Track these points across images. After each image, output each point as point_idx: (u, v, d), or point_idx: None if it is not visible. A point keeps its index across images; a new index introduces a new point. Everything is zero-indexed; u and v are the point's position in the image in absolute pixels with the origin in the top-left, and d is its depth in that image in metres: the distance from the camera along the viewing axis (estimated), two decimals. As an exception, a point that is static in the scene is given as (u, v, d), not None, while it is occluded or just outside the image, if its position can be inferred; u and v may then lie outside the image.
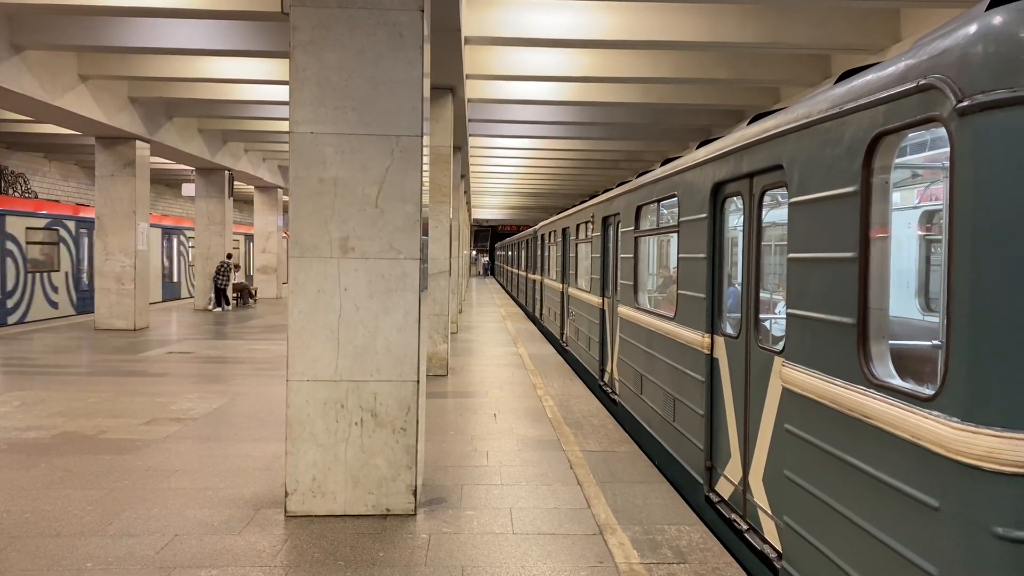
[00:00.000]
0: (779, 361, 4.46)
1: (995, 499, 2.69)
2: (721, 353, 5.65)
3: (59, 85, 14.17)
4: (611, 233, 10.39)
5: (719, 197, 5.81)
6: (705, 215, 5.94)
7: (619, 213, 9.56)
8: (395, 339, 5.41)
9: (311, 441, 5.38)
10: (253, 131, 21.53)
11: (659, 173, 7.64)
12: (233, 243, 25.95)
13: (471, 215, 46.41)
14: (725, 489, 5.50)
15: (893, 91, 3.27)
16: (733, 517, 5.25)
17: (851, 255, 3.62)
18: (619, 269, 9.55)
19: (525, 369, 12.31)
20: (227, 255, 24.17)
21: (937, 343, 4.03)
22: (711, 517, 5.66)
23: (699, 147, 6.55)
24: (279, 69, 14.05)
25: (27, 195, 25.47)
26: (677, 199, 6.85)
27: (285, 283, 29.40)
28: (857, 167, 3.56)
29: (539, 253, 21.50)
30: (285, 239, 30.70)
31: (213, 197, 24.33)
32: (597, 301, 11.20)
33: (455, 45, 9.57)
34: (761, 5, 10.84)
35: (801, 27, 11.06)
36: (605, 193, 11.12)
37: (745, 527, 5.03)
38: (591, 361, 11.70)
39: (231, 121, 20.80)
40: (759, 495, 4.82)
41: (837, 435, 3.71)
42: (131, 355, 13.61)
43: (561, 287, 15.87)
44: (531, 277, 24.74)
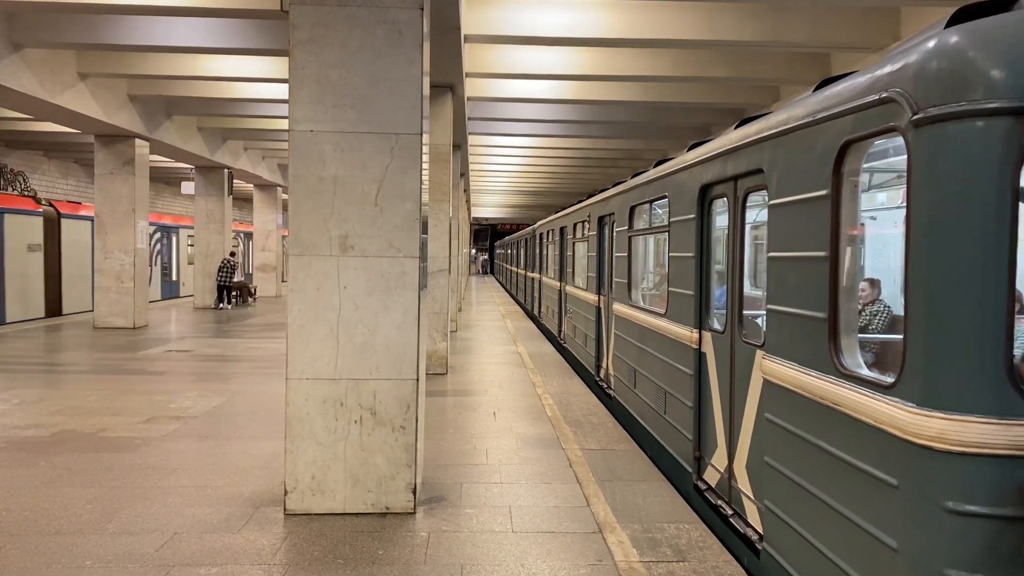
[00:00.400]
0: (760, 354, 4.68)
1: (945, 476, 2.93)
2: (708, 348, 5.89)
3: (58, 83, 14.16)
4: (606, 232, 10.61)
5: (706, 199, 6.05)
6: (693, 216, 6.18)
7: (614, 213, 9.79)
8: (394, 337, 5.41)
9: (310, 439, 5.38)
10: (252, 129, 21.51)
11: (651, 175, 7.89)
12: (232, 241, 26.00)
13: (470, 214, 46.39)
14: (712, 477, 5.74)
15: (859, 102, 3.51)
16: (719, 503, 5.50)
17: (823, 254, 3.85)
18: (614, 267, 9.77)
19: (524, 367, 12.31)
20: (230, 252, 24.16)
21: None
22: (699, 504, 5.87)
23: (689, 150, 6.76)
24: (278, 67, 14.04)
25: (26, 193, 25.46)
26: (668, 200, 7.08)
27: (285, 281, 29.38)
28: (828, 172, 3.79)
29: (537, 252, 21.87)
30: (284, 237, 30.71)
31: (212, 195, 24.31)
32: (593, 299, 11.43)
33: (455, 43, 9.57)
34: (760, 3, 10.83)
35: (800, 25, 11.05)
36: (601, 193, 11.31)
37: (730, 512, 5.27)
38: (587, 357, 11.90)
39: (230, 119, 20.78)
40: (743, 481, 5.06)
41: (811, 422, 3.94)
42: (130, 353, 13.61)
43: (559, 285, 16.15)
44: (530, 275, 25.15)
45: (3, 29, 12.26)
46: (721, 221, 5.91)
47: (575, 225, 13.79)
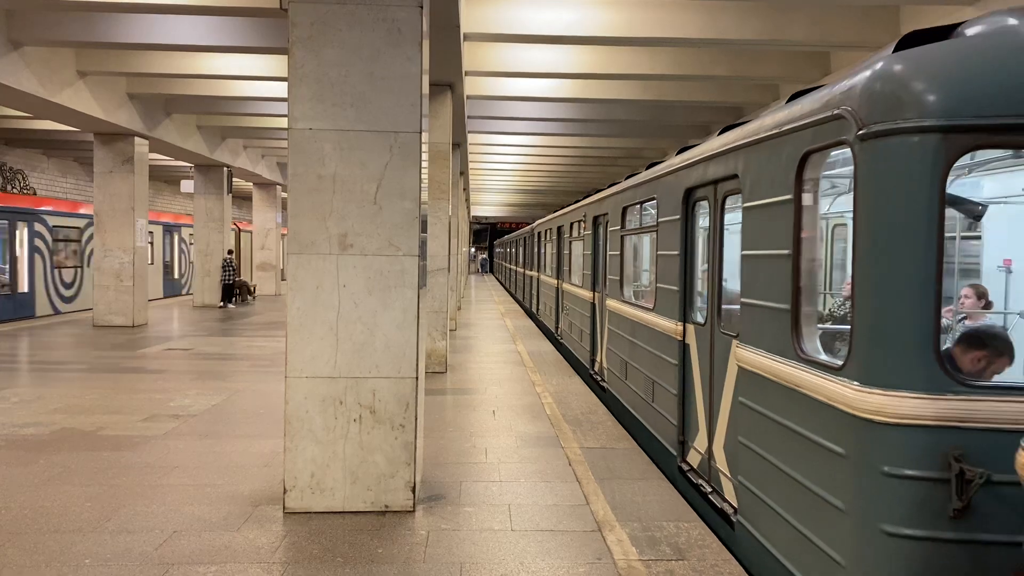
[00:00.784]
0: (735, 343, 5.08)
1: (883, 444, 3.37)
2: (692, 339, 6.30)
3: (57, 81, 14.15)
4: (601, 232, 10.98)
5: (690, 201, 6.47)
6: (678, 216, 6.60)
7: (607, 213, 10.22)
8: (394, 336, 5.41)
9: (310, 438, 5.38)
10: (252, 127, 21.50)
11: (641, 178, 8.36)
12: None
13: (470, 212, 46.38)
14: (694, 459, 6.16)
15: (817, 117, 3.93)
16: (700, 482, 5.92)
17: (787, 252, 4.26)
18: (607, 265, 10.18)
19: (524, 366, 12.31)
20: (228, 251, 24.16)
21: None
22: (683, 485, 6.28)
23: (677, 154, 7.14)
24: (278, 65, 14.02)
25: (25, 191, 25.45)
26: (656, 201, 7.53)
27: (284, 280, 29.37)
28: (792, 178, 4.21)
29: (535, 250, 22.37)
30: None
31: (212, 194, 24.29)
32: (588, 295, 11.83)
33: (454, 41, 9.56)
34: (760, 2, 10.82)
35: (800, 24, 11.05)
36: (597, 193, 11.67)
37: (710, 490, 5.69)
38: (583, 352, 12.31)
39: (230, 117, 20.76)
40: (721, 461, 5.47)
41: (776, 403, 4.37)
42: (130, 351, 13.61)
43: (556, 282, 16.59)
44: (528, 273, 25.65)
45: (2, 27, 12.25)
46: (704, 222, 6.27)
47: (572, 224, 14.19)
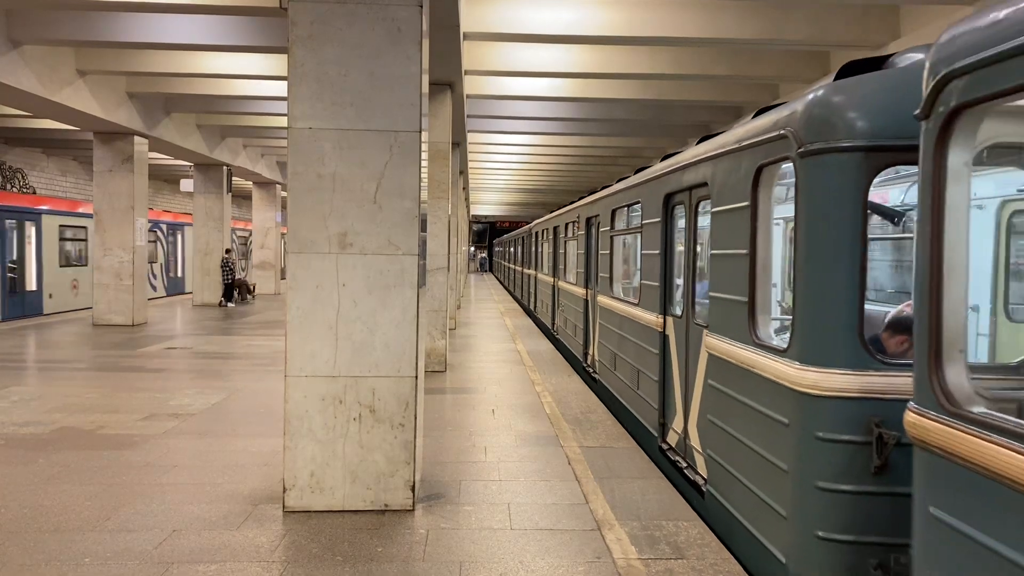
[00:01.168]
0: (706, 333, 5.66)
1: (817, 414, 3.98)
2: (671, 330, 6.90)
3: (57, 80, 14.14)
4: (593, 232, 11.66)
5: (669, 205, 7.08)
6: (659, 219, 7.24)
7: (599, 214, 10.89)
8: (393, 335, 5.42)
9: (309, 437, 5.39)
10: (251, 127, 21.49)
11: (628, 183, 9.04)
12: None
13: (469, 211, 46.36)
14: (672, 438, 6.75)
15: (768, 136, 4.55)
16: (677, 459, 6.51)
17: (744, 251, 4.87)
18: (599, 263, 10.84)
19: (523, 365, 12.32)
20: (226, 250, 24.16)
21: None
22: (664, 463, 6.85)
23: (660, 161, 7.79)
24: (277, 64, 14.02)
25: (25, 190, 25.45)
26: (640, 205, 8.17)
27: (284, 279, 29.37)
28: (749, 187, 4.83)
29: (533, 249, 23.14)
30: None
31: (212, 193, 24.28)
32: (581, 292, 12.50)
33: (454, 41, 9.56)
34: (760, 1, 10.82)
35: (800, 23, 11.05)
36: (590, 196, 12.29)
37: (685, 465, 6.28)
38: (576, 346, 13.02)
39: (229, 117, 20.76)
40: (694, 438, 6.04)
41: (736, 383, 4.99)
42: (129, 350, 13.61)
43: (552, 280, 17.31)
44: (526, 272, 26.49)
45: (2, 26, 12.24)
46: (681, 224, 6.84)
47: (567, 225, 14.90)
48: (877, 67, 4.23)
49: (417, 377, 5.48)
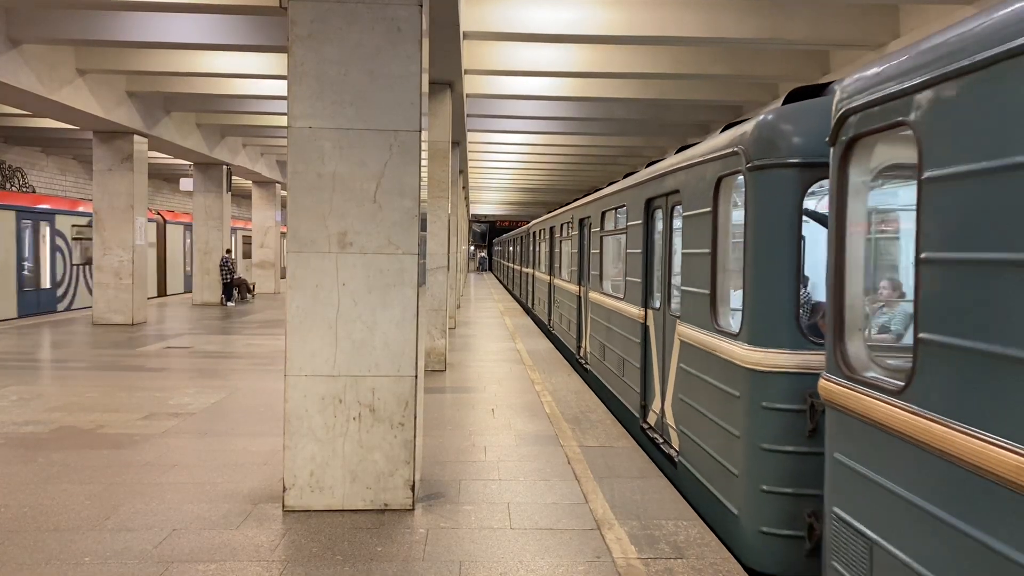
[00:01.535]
0: (678, 322, 6.42)
1: (762, 387, 4.75)
2: (651, 321, 7.68)
3: (57, 79, 14.13)
4: (585, 232, 12.44)
5: (650, 209, 7.84)
6: (641, 222, 8.01)
7: (590, 216, 11.69)
8: (393, 334, 5.41)
9: (309, 436, 5.38)
10: (251, 126, 21.48)
11: (616, 187, 9.87)
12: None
13: (469, 211, 46.35)
14: (652, 418, 7.50)
15: (725, 151, 5.34)
16: (654, 436, 7.23)
17: (707, 251, 5.64)
18: (590, 261, 11.69)
19: (523, 364, 12.32)
20: (227, 250, 24.15)
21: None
22: (644, 440, 7.60)
23: (645, 167, 8.46)
24: (277, 63, 14.01)
25: (24, 189, 25.45)
26: (626, 208, 8.92)
27: (283, 278, 29.38)
28: (711, 195, 5.61)
29: (531, 249, 24.13)
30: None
31: (211, 192, 24.27)
32: (575, 289, 13.35)
33: (454, 40, 9.55)
34: (760, 1, 10.82)
35: (800, 23, 11.04)
36: (584, 198, 13.01)
37: (661, 441, 7.01)
38: (570, 340, 13.94)
39: (229, 116, 20.74)
40: (669, 416, 6.80)
41: (700, 364, 5.80)
42: (129, 350, 13.61)
43: (548, 278, 18.22)
44: (524, 270, 27.53)
45: (2, 25, 12.23)
46: (660, 226, 7.54)
47: (562, 225, 15.73)
48: (819, 94, 4.88)
49: (417, 376, 5.48)
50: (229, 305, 23.60)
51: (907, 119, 2.95)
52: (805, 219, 4.80)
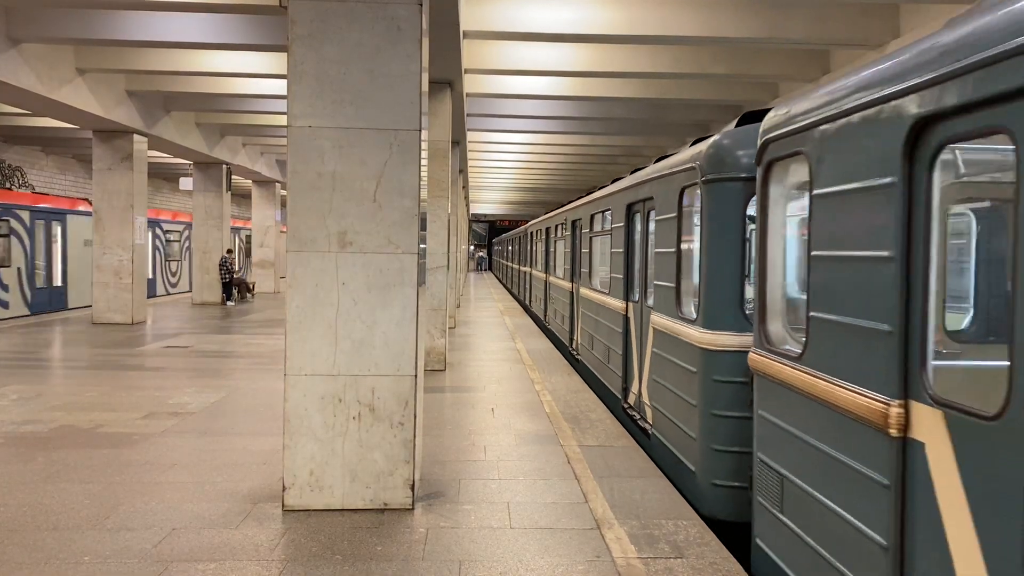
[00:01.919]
0: (652, 313, 7.35)
1: (713, 363, 5.70)
2: (631, 313, 8.65)
3: (56, 78, 14.12)
4: (577, 232, 13.39)
5: (631, 213, 8.81)
6: (622, 224, 9.01)
7: (581, 218, 12.74)
8: (393, 333, 5.41)
9: (309, 435, 5.38)
10: (251, 125, 21.47)
11: (603, 192, 10.82)
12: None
13: (469, 210, 46.35)
14: (632, 399, 8.40)
15: (685, 166, 6.36)
16: (633, 414, 8.12)
17: (673, 250, 6.61)
18: (580, 260, 12.75)
19: (523, 364, 12.31)
20: (227, 250, 24.15)
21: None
22: (625, 420, 8.43)
23: (632, 173, 9.34)
24: (277, 63, 14.00)
25: (24, 189, 25.44)
26: (610, 212, 9.92)
27: (283, 278, 29.38)
28: (675, 203, 6.61)
29: (528, 248, 25.21)
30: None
31: (211, 191, 24.26)
32: (568, 286, 14.28)
33: (453, 39, 9.55)
34: (759, 0, 10.82)
35: (799, 22, 11.04)
36: (577, 200, 14.00)
37: (639, 417, 7.90)
38: (564, 333, 14.94)
39: (229, 115, 20.73)
40: (645, 396, 7.69)
41: (667, 347, 6.77)
42: (128, 349, 13.61)
43: (544, 276, 19.20)
44: (522, 269, 28.83)
45: (1, 24, 12.23)
46: (639, 228, 8.40)
47: (556, 226, 16.76)
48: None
49: (417, 376, 5.48)
50: (229, 304, 23.61)
51: (802, 150, 3.89)
52: (752, 224, 5.47)
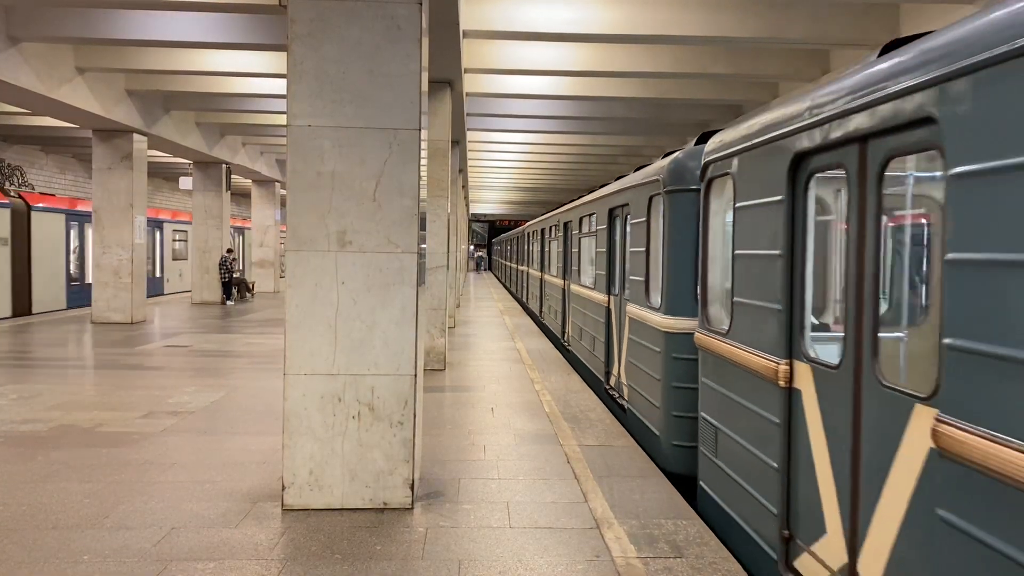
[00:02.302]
0: (628, 303, 8.48)
1: (672, 343, 6.85)
2: (612, 305, 9.84)
3: (56, 78, 14.12)
4: (569, 234, 14.50)
5: (612, 217, 9.88)
6: (605, 226, 10.16)
7: (572, 221, 13.96)
8: (393, 333, 5.41)
9: (308, 435, 5.38)
10: (251, 124, 21.45)
11: (590, 198, 11.89)
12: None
13: (469, 210, 46.34)
14: (612, 380, 9.64)
15: (653, 178, 7.45)
16: (613, 393, 9.39)
17: (643, 249, 7.77)
18: (571, 259, 13.99)
19: (523, 363, 12.31)
20: (227, 250, 24.15)
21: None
22: (607, 400, 9.62)
23: (614, 181, 10.48)
24: (277, 62, 14.00)
25: (23, 188, 25.42)
26: (595, 216, 11.09)
27: (283, 277, 29.36)
28: (645, 209, 7.73)
29: (526, 248, 26.67)
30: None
31: (211, 191, 24.25)
32: (561, 283, 15.49)
33: (453, 38, 9.55)
34: (760, 0, 10.81)
35: (800, 22, 11.03)
36: (569, 203, 15.03)
37: (618, 396, 9.07)
38: (556, 327, 16.04)
39: (229, 114, 20.72)
40: (623, 377, 8.86)
41: (639, 332, 7.89)
42: (128, 348, 13.60)
43: (540, 274, 20.53)
44: (520, 268, 30.29)
45: (1, 23, 12.22)
46: (619, 230, 9.46)
47: (550, 228, 17.93)
48: None
49: (416, 375, 5.48)
50: (229, 304, 23.60)
51: (729, 171, 5.01)
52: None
